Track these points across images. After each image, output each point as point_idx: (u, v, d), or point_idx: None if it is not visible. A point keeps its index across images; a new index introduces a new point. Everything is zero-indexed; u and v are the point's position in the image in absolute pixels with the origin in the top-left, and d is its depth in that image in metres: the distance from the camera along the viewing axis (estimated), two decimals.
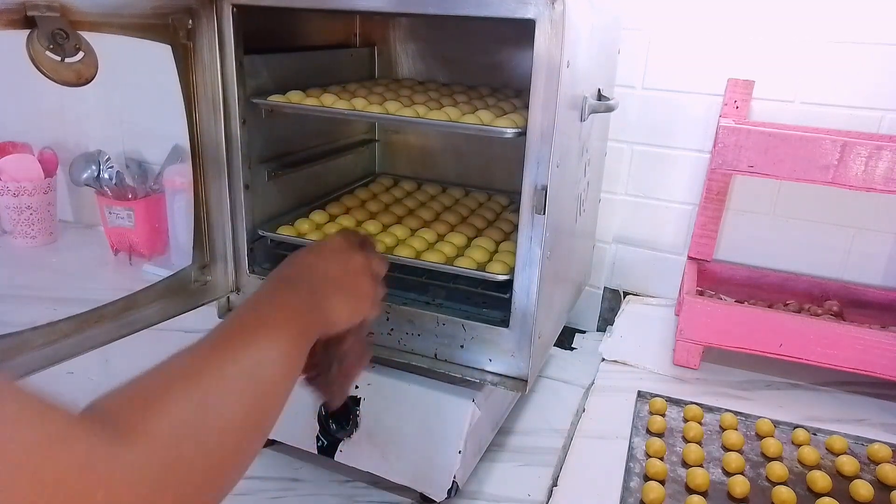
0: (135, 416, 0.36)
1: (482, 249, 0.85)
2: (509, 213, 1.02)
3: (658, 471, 0.77)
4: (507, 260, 0.81)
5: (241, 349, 0.44)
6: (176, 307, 0.81)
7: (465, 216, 1.00)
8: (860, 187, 0.86)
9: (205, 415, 0.39)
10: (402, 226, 0.93)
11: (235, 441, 0.41)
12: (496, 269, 0.79)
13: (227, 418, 0.41)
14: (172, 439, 0.36)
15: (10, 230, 1.47)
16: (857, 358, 0.91)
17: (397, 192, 1.10)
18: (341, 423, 0.80)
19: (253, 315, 0.50)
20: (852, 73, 1.00)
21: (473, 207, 1.04)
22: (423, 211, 1.00)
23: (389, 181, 1.14)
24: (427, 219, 0.97)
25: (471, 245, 0.88)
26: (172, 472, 0.36)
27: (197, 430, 0.38)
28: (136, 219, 1.37)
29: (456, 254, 0.86)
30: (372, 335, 0.80)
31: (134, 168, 1.43)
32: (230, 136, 0.82)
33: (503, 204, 1.07)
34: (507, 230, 0.94)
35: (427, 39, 1.14)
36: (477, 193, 1.11)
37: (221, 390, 0.41)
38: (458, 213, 1.01)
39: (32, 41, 0.59)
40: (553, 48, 0.63)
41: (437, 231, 0.92)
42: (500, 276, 0.77)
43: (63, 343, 0.67)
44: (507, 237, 0.92)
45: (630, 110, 1.11)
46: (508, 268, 0.78)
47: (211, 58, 0.78)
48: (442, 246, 0.86)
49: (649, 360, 1.03)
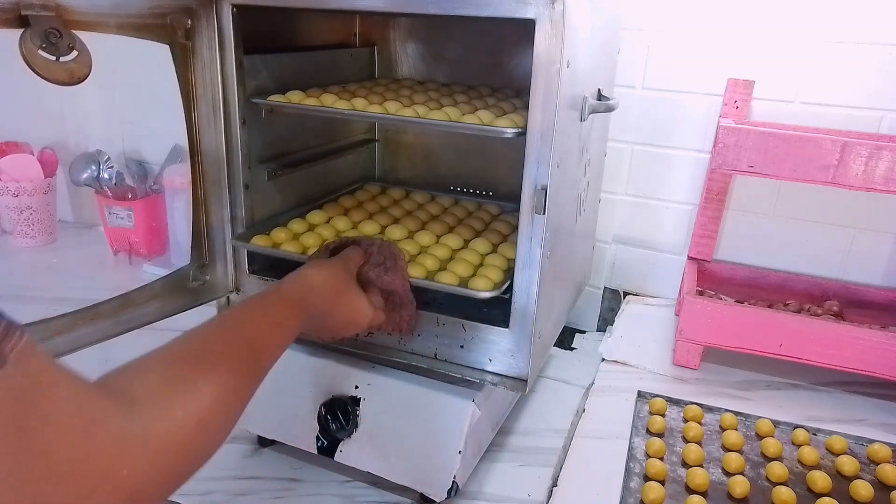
0: (155, 403, 0.41)
1: (466, 263, 0.82)
2: (498, 223, 0.98)
3: (658, 471, 0.77)
4: (492, 275, 0.78)
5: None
6: (174, 306, 0.81)
7: (452, 226, 0.95)
8: (860, 187, 0.86)
9: (200, 409, 0.44)
10: (385, 237, 0.89)
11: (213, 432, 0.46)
12: (479, 286, 0.75)
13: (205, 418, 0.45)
14: (180, 425, 0.42)
15: (10, 230, 1.47)
16: (857, 358, 0.91)
17: (384, 200, 1.05)
18: (341, 423, 0.80)
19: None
20: (852, 73, 1.00)
21: (462, 217, 1.00)
22: (410, 221, 0.96)
23: (377, 188, 1.11)
24: (413, 229, 0.93)
25: (454, 258, 0.84)
26: (180, 453, 0.41)
27: (195, 419, 0.43)
28: (135, 219, 1.37)
29: (439, 266, 0.81)
30: (372, 335, 0.80)
31: (134, 168, 1.43)
32: (230, 136, 0.82)
33: (493, 213, 1.04)
34: (496, 241, 0.90)
35: (427, 39, 1.14)
36: (466, 202, 1.07)
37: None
38: (446, 222, 0.96)
39: (25, 40, 0.59)
40: (553, 48, 0.63)
41: (419, 243, 0.88)
42: (482, 294, 0.74)
43: (57, 340, 0.67)
44: (495, 249, 0.87)
45: (630, 110, 1.11)
46: (493, 283, 0.75)
47: (210, 57, 0.78)
48: (424, 259, 0.82)
49: (649, 360, 1.03)
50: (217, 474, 0.82)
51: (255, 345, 0.53)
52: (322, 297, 0.64)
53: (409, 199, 1.07)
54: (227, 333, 0.53)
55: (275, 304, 0.59)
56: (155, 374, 0.44)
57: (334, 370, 0.82)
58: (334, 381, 0.81)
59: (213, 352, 0.49)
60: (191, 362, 0.47)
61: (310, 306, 0.62)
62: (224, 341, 0.51)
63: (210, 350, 0.49)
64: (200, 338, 0.51)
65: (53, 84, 0.61)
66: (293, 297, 0.61)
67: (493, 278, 0.77)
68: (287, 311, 0.59)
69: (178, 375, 0.45)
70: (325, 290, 0.64)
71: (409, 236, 0.90)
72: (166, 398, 0.42)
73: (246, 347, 0.52)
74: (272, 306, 0.59)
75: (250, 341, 0.53)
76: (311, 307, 0.62)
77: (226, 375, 0.47)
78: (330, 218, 0.94)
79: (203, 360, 0.48)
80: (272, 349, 0.55)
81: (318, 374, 0.82)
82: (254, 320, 0.55)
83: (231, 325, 0.54)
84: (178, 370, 0.45)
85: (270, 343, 0.55)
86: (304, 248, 0.85)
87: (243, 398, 0.50)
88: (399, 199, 1.07)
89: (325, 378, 0.82)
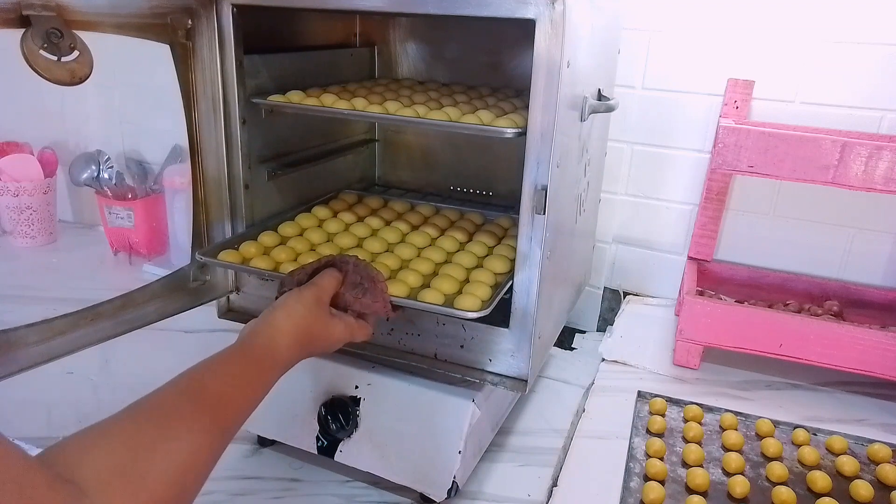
0: (104, 493, 0.39)
1: (451, 279, 0.78)
2: (482, 233, 0.93)
3: (658, 471, 0.77)
4: (480, 292, 0.74)
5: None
6: (174, 306, 0.81)
7: (434, 237, 0.91)
8: (860, 187, 0.86)
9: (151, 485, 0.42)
10: (363, 250, 0.86)
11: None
12: (466, 305, 0.72)
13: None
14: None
15: (10, 230, 1.47)
16: (857, 358, 0.91)
17: (361, 209, 0.99)
18: (341, 423, 0.80)
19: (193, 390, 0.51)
20: (852, 73, 1.00)
21: (444, 227, 0.95)
22: (389, 232, 0.91)
23: (353, 197, 1.04)
24: (392, 241, 0.89)
25: (439, 273, 0.81)
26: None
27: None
28: (135, 219, 1.37)
29: (422, 283, 0.78)
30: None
31: (134, 168, 1.43)
32: (230, 136, 0.82)
33: (477, 222, 0.98)
34: (482, 254, 0.86)
35: (427, 39, 1.14)
36: (448, 211, 1.01)
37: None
38: (427, 233, 0.91)
39: (26, 40, 0.59)
40: (553, 48, 0.63)
41: (400, 256, 0.84)
42: (468, 314, 0.70)
43: (58, 340, 0.67)
44: (481, 263, 0.84)
45: (630, 110, 1.11)
46: (480, 302, 0.72)
47: (210, 57, 0.78)
48: (406, 275, 0.78)
49: (649, 360, 1.03)
50: (217, 474, 0.80)
51: (218, 414, 0.50)
52: (293, 346, 0.61)
53: (387, 207, 1.02)
54: (188, 403, 0.49)
55: (239, 364, 0.56)
56: (105, 454, 0.41)
57: (334, 370, 0.82)
58: (334, 381, 0.81)
59: (169, 426, 0.45)
60: (146, 437, 0.44)
61: (280, 360, 0.59)
62: (182, 412, 0.47)
63: (167, 424, 0.46)
64: (157, 407, 0.47)
65: (54, 84, 0.61)
66: (260, 353, 0.58)
67: (481, 295, 0.74)
68: (254, 370, 0.56)
69: (131, 454, 0.42)
70: (296, 336, 0.61)
71: (389, 249, 0.87)
72: (117, 489, 0.39)
73: (209, 417, 0.48)
74: (236, 367, 0.55)
75: (213, 410, 0.49)
76: (282, 360, 0.59)
77: (185, 454, 0.45)
78: (304, 230, 0.90)
79: (159, 436, 0.44)
80: (241, 411, 0.52)
81: (318, 374, 0.82)
82: (218, 384, 0.52)
83: (192, 394, 0.50)
84: (131, 446, 0.42)
85: (238, 406, 0.52)
86: (275, 264, 0.80)
87: (206, 468, 0.47)
88: (377, 207, 1.02)
89: (325, 378, 0.82)
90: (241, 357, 0.57)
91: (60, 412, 0.92)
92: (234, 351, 0.57)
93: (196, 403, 0.49)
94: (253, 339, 0.59)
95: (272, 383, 0.57)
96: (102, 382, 1.00)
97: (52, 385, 0.97)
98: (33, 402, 0.94)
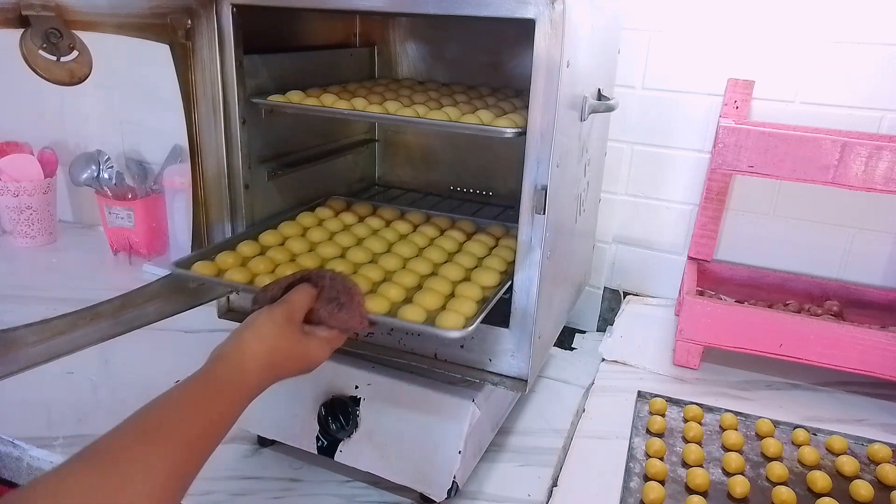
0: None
1: (435, 293, 0.74)
2: (472, 243, 0.88)
3: (658, 471, 0.77)
4: (465, 308, 0.70)
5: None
6: (174, 306, 0.81)
7: (421, 247, 0.87)
8: (860, 187, 0.86)
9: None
10: (346, 261, 0.82)
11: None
12: (448, 323, 0.67)
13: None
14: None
15: (10, 230, 1.47)
16: (857, 358, 0.91)
17: (348, 217, 0.95)
18: (341, 423, 0.80)
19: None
20: (852, 73, 1.00)
21: (434, 236, 0.91)
22: (374, 242, 0.87)
23: (341, 204, 0.99)
24: (378, 251, 0.85)
25: (423, 286, 0.76)
26: None
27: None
28: (135, 219, 1.37)
29: (405, 297, 0.74)
30: (373, 332, 0.80)
31: (134, 168, 1.43)
32: (230, 136, 0.82)
33: (467, 231, 0.93)
34: (469, 265, 0.82)
35: (427, 39, 1.14)
36: (439, 219, 0.96)
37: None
38: (415, 243, 0.87)
39: (25, 40, 0.59)
40: (553, 48, 0.63)
41: (384, 268, 0.80)
42: (450, 334, 0.66)
43: (57, 340, 0.67)
44: (468, 276, 0.79)
45: (630, 110, 1.11)
46: (463, 320, 0.68)
47: (210, 57, 0.78)
48: (388, 289, 0.74)
49: (649, 360, 1.03)
50: (217, 474, 0.82)
51: (177, 453, 0.48)
52: (264, 368, 0.58)
53: (376, 215, 0.97)
54: (142, 444, 0.47)
55: (203, 395, 0.53)
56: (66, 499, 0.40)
57: (334, 370, 0.81)
58: (334, 381, 0.81)
59: (126, 473, 0.44)
60: (102, 491, 0.42)
61: (247, 386, 0.56)
62: (135, 455, 0.45)
63: (122, 471, 0.44)
64: (112, 451, 0.46)
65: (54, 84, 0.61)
66: (225, 381, 0.55)
67: (465, 312, 0.70)
68: (219, 401, 0.54)
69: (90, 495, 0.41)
70: (266, 358, 0.58)
71: (374, 259, 0.83)
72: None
73: (168, 458, 0.47)
74: (199, 398, 0.53)
75: (171, 449, 0.47)
76: (249, 386, 0.57)
77: (142, 499, 0.43)
78: (285, 239, 0.86)
79: (117, 485, 0.43)
80: (203, 446, 0.50)
81: (318, 374, 0.81)
82: (176, 421, 0.50)
83: (148, 434, 0.48)
84: (88, 497, 0.41)
85: (199, 442, 0.50)
86: (251, 277, 0.76)
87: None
88: (365, 215, 0.97)
89: (325, 378, 0.82)
90: (205, 387, 0.54)
91: (60, 412, 0.92)
92: (199, 380, 0.55)
93: (151, 444, 0.47)
94: (219, 364, 0.56)
95: (240, 412, 0.55)
96: (102, 382, 1.00)
97: (52, 385, 0.97)
98: (33, 402, 0.94)
